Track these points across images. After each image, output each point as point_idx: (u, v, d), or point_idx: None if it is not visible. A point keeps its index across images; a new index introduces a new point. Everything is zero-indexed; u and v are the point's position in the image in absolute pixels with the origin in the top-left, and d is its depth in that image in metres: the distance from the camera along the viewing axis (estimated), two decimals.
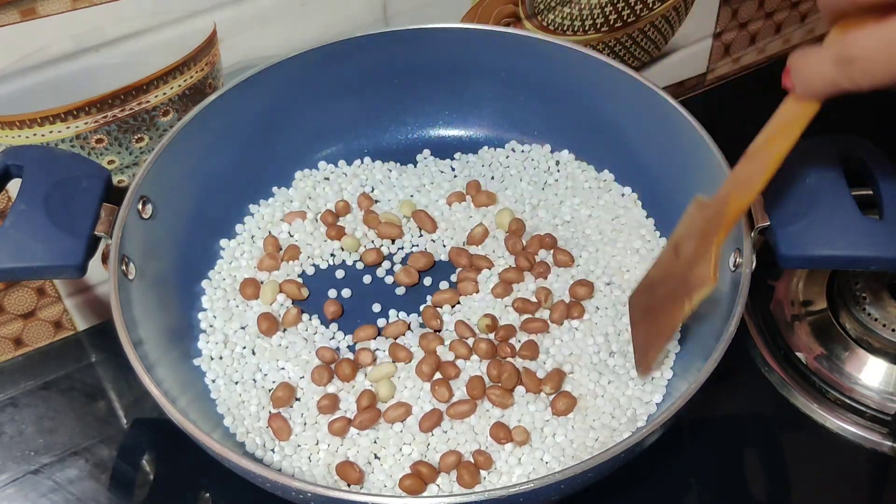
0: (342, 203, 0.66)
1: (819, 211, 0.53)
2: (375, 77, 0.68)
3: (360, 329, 0.60)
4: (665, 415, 0.48)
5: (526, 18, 0.72)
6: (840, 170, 0.55)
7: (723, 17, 0.82)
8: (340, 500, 0.46)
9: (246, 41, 0.63)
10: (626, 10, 0.75)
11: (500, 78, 0.69)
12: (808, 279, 0.68)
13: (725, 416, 0.62)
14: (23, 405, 0.64)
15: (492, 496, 0.45)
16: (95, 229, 0.54)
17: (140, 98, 0.61)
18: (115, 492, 0.59)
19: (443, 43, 0.67)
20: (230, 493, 0.58)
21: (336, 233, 0.65)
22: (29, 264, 0.53)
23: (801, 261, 0.54)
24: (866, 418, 0.61)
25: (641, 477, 0.58)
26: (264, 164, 0.67)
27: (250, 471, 0.47)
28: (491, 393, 0.56)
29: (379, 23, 0.67)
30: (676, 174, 0.63)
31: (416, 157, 0.71)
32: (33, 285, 0.64)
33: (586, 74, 0.66)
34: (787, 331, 0.66)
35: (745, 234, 0.54)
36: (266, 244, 0.64)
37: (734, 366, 0.63)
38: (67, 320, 0.67)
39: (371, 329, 0.60)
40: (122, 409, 0.64)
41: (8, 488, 0.59)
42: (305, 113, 0.67)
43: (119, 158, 0.63)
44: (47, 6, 0.54)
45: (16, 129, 0.58)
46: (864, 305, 0.64)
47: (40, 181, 0.54)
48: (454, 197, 0.67)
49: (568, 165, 0.69)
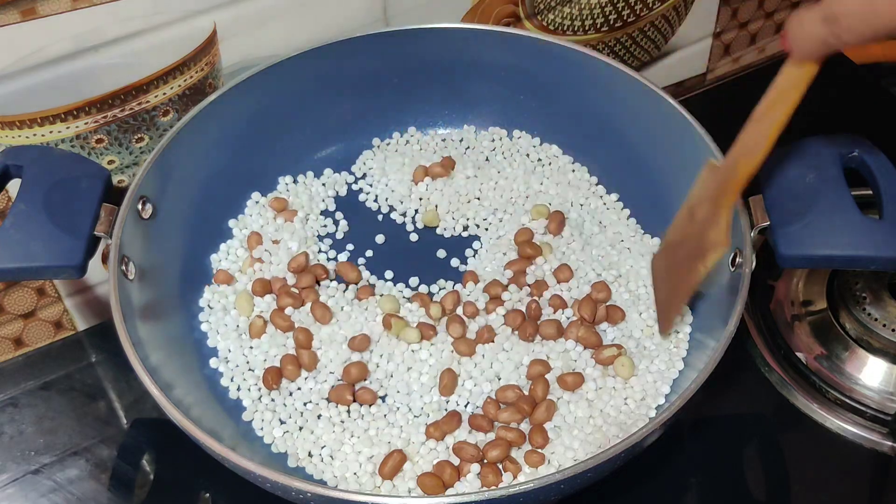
0: None
1: (819, 211, 0.53)
2: (375, 77, 0.68)
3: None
4: (665, 414, 0.48)
5: (526, 18, 0.72)
6: (840, 170, 0.55)
7: (723, 16, 0.82)
8: (340, 500, 0.46)
9: (246, 41, 0.63)
10: (626, 10, 0.75)
11: (500, 78, 0.69)
12: (808, 279, 0.68)
13: (725, 416, 0.62)
14: (23, 405, 0.64)
15: (492, 496, 0.45)
16: (95, 229, 0.54)
17: (140, 98, 0.61)
18: (115, 492, 0.59)
19: (443, 43, 0.67)
20: (230, 493, 0.58)
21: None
22: (29, 264, 0.53)
23: (800, 260, 0.54)
24: (866, 418, 0.61)
25: (641, 477, 0.58)
26: (264, 163, 0.67)
27: (250, 471, 0.47)
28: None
29: (379, 23, 0.67)
30: (676, 174, 0.63)
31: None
32: (33, 285, 0.64)
33: (586, 74, 0.66)
34: (787, 331, 0.66)
35: (745, 233, 0.54)
36: (249, 241, 0.64)
37: (734, 366, 0.63)
38: (67, 320, 0.67)
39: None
40: (122, 409, 0.64)
41: (8, 488, 0.59)
42: (305, 113, 0.67)
43: (119, 158, 0.63)
44: (47, 6, 0.54)
45: (16, 129, 0.58)
46: (864, 305, 0.64)
47: (40, 181, 0.54)
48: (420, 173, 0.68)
49: (558, 159, 0.70)
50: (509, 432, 0.54)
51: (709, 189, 0.54)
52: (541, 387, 0.56)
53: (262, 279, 0.62)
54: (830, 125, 0.58)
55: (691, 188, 0.56)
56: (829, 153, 0.55)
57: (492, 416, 0.56)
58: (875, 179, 0.54)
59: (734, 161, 0.52)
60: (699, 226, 0.54)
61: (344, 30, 0.65)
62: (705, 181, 0.55)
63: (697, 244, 0.54)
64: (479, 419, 0.55)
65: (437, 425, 0.55)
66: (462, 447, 0.54)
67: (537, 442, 0.54)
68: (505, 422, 0.55)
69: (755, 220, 0.54)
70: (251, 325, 0.60)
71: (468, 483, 0.53)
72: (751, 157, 0.51)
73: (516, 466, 0.53)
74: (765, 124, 0.50)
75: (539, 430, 0.55)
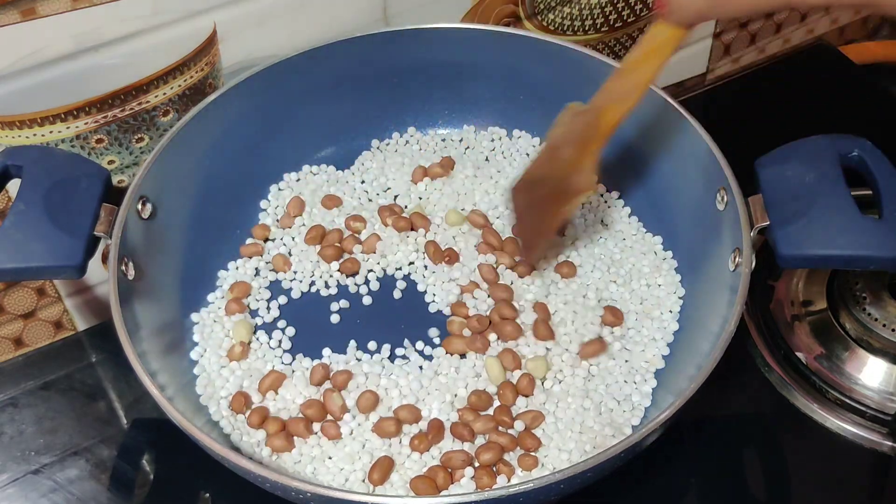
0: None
1: (818, 210, 0.53)
2: (375, 77, 0.68)
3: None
4: (665, 414, 0.48)
5: (526, 18, 0.72)
6: (839, 170, 0.55)
7: None
8: (340, 499, 0.46)
9: (246, 41, 0.63)
10: (626, 10, 0.75)
11: (500, 78, 0.69)
12: (808, 279, 0.68)
13: (725, 416, 0.62)
14: (23, 405, 0.64)
15: (491, 496, 0.45)
16: (95, 229, 0.54)
17: (140, 98, 0.61)
18: (115, 492, 0.59)
19: (443, 43, 0.67)
20: (230, 493, 0.58)
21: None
22: (29, 264, 0.53)
23: (800, 260, 0.54)
24: (866, 418, 0.61)
25: (641, 477, 0.58)
26: (264, 163, 0.67)
27: (250, 471, 0.47)
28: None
29: (379, 23, 0.67)
30: (676, 174, 0.63)
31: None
32: (33, 285, 0.64)
33: (586, 74, 0.65)
34: (787, 331, 0.66)
35: (745, 233, 0.54)
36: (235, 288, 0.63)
37: (734, 366, 0.63)
38: (67, 320, 0.67)
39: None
40: (122, 409, 0.64)
41: (8, 488, 0.59)
42: (305, 113, 0.67)
43: (119, 158, 0.63)
44: (47, 6, 0.54)
45: (16, 129, 0.58)
46: (864, 305, 0.64)
47: (40, 181, 0.54)
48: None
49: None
50: (501, 437, 0.54)
51: (573, 131, 0.56)
52: (525, 384, 0.56)
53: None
54: (830, 125, 0.58)
55: (550, 127, 0.58)
56: (829, 153, 0.55)
57: (470, 423, 0.55)
58: (875, 179, 0.54)
59: (601, 108, 0.54)
60: (564, 166, 0.56)
61: (344, 30, 0.65)
62: (567, 124, 0.57)
63: (560, 185, 0.56)
64: (460, 428, 0.54)
65: (422, 437, 0.54)
66: (451, 456, 0.53)
67: (529, 445, 0.54)
68: (482, 431, 0.55)
69: (755, 219, 0.54)
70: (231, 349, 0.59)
71: (462, 486, 0.53)
72: (618, 106, 0.53)
73: (510, 469, 0.53)
74: (635, 78, 0.52)
75: (529, 435, 0.54)
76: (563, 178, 0.56)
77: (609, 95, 0.53)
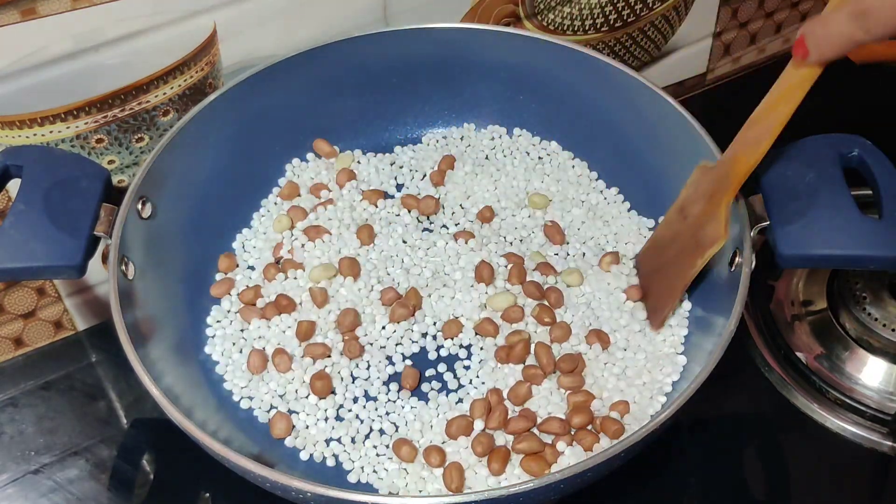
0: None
1: (818, 210, 0.53)
2: (375, 77, 0.68)
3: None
4: (665, 414, 0.48)
5: (526, 18, 0.72)
6: (839, 169, 0.55)
7: (723, 16, 0.82)
8: (340, 499, 0.46)
9: (246, 41, 0.63)
10: (626, 10, 0.75)
11: (500, 78, 0.69)
12: (808, 279, 0.68)
13: (725, 416, 0.62)
14: (23, 405, 0.64)
15: (491, 496, 0.45)
16: (95, 229, 0.54)
17: (140, 98, 0.61)
18: (115, 492, 0.59)
19: (443, 43, 0.67)
20: (230, 493, 0.58)
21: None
22: (29, 264, 0.53)
23: (800, 260, 0.54)
24: (866, 418, 0.61)
25: (641, 477, 0.58)
26: (264, 163, 0.67)
27: (250, 471, 0.47)
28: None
29: (379, 23, 0.67)
30: (676, 174, 0.63)
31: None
32: (33, 285, 0.64)
33: (586, 74, 0.66)
34: (787, 331, 0.66)
35: (745, 233, 0.54)
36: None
37: (734, 366, 0.63)
38: (67, 320, 0.67)
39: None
40: (122, 409, 0.64)
41: (8, 488, 0.59)
42: (305, 113, 0.67)
43: (119, 158, 0.63)
44: (47, 6, 0.54)
45: (16, 129, 0.58)
46: (864, 305, 0.64)
47: (40, 181, 0.54)
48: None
49: (558, 155, 0.70)
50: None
51: (702, 188, 0.56)
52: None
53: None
54: (830, 125, 0.58)
55: (683, 189, 0.58)
56: (829, 153, 0.55)
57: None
58: (875, 179, 0.54)
59: (732, 159, 0.53)
60: (692, 223, 0.56)
61: (344, 30, 0.65)
62: (697, 182, 0.57)
63: (691, 241, 0.56)
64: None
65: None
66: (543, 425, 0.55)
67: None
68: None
69: (755, 219, 0.54)
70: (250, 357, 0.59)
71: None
72: (751, 154, 0.52)
73: (594, 437, 0.54)
74: (766, 124, 0.51)
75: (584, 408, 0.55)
76: (693, 234, 0.56)
77: (742, 143, 0.53)
